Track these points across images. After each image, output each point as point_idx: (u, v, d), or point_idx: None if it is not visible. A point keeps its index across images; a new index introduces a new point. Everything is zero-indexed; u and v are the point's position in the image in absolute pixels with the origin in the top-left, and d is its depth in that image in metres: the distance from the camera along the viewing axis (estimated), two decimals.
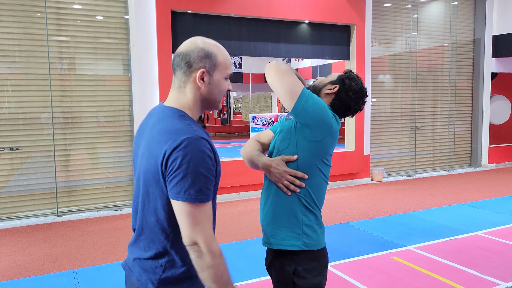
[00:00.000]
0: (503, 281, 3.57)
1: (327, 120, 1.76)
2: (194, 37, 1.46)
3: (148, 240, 1.42)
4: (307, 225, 1.79)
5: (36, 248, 4.55)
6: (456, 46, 9.03)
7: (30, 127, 5.63)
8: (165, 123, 1.36)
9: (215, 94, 1.44)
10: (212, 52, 1.41)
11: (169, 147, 1.28)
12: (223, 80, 1.44)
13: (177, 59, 1.41)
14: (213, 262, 1.30)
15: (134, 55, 6.01)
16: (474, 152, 9.48)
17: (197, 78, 1.39)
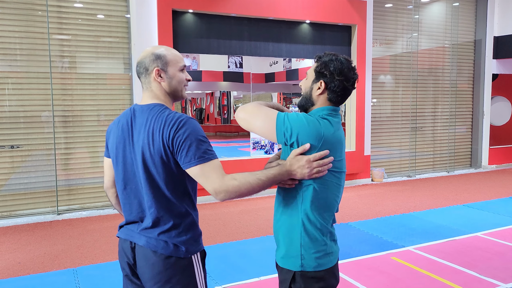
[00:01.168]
0: (503, 282, 3.57)
1: (314, 131, 1.63)
2: (147, 48, 1.77)
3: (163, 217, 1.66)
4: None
5: (36, 246, 4.56)
6: (457, 47, 9.03)
7: (31, 126, 5.64)
8: (160, 115, 1.64)
9: (175, 85, 1.73)
10: (160, 54, 1.71)
11: (171, 126, 1.59)
12: (178, 72, 1.73)
13: (137, 68, 1.74)
14: (237, 187, 1.55)
15: (135, 54, 6.01)
16: (474, 153, 9.49)
17: (154, 76, 1.69)
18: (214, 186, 1.56)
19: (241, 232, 4.97)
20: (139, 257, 1.67)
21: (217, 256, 4.14)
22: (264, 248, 4.42)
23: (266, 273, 3.75)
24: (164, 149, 1.60)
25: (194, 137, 1.58)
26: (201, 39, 6.45)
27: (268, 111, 1.69)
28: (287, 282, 1.72)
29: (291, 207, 1.71)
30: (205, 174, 1.57)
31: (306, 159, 1.62)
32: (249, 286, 3.54)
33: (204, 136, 1.62)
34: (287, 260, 1.72)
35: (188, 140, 1.57)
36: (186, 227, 1.67)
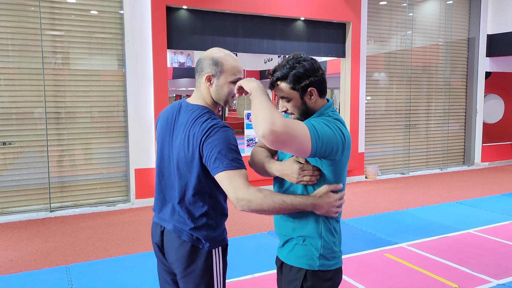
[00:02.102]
0: (494, 278, 3.60)
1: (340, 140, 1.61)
2: (212, 48, 1.81)
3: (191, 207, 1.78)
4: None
5: (29, 244, 4.53)
6: (450, 45, 9.07)
7: (23, 122, 5.59)
8: (198, 120, 1.71)
9: (221, 94, 1.78)
10: (219, 61, 1.75)
11: (201, 134, 1.66)
12: (228, 84, 1.76)
13: (196, 64, 1.80)
14: (260, 200, 1.59)
15: (128, 50, 5.97)
16: (467, 151, 9.54)
17: (205, 80, 1.76)
18: (237, 193, 1.60)
19: (235, 229, 4.97)
20: (167, 240, 1.82)
21: None
22: (258, 245, 4.42)
23: (260, 270, 3.75)
24: (196, 154, 1.68)
25: (224, 145, 1.63)
26: (196, 36, 6.42)
27: (299, 126, 1.51)
28: (299, 281, 1.69)
29: None
30: (230, 180, 1.61)
31: (336, 197, 1.67)
32: (243, 283, 3.54)
33: (235, 145, 1.67)
34: (304, 260, 1.69)
35: (218, 147, 1.63)
36: (207, 227, 1.77)
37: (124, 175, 6.20)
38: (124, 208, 5.97)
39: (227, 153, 1.63)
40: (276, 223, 1.83)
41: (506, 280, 3.55)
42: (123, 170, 6.19)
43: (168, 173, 1.82)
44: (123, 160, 6.17)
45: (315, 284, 1.68)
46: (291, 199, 1.62)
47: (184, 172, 1.75)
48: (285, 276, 1.76)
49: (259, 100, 1.57)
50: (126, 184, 6.21)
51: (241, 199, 1.59)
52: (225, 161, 1.62)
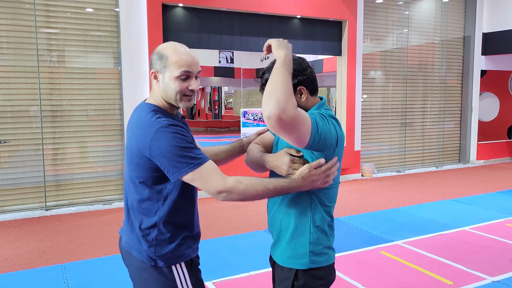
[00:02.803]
0: (489, 275, 3.62)
1: (334, 135, 1.61)
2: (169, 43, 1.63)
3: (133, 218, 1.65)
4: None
5: (24, 242, 4.51)
6: (446, 43, 9.09)
7: (18, 120, 5.56)
8: (140, 119, 1.57)
9: (169, 92, 1.58)
10: (164, 54, 1.57)
11: (148, 140, 1.50)
12: (174, 80, 1.56)
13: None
14: (241, 189, 1.51)
15: (124, 48, 5.95)
16: (462, 149, 9.58)
17: (151, 76, 1.61)
18: (216, 187, 1.50)
19: (231, 228, 4.97)
20: (124, 254, 1.71)
21: (207, 252, 4.13)
22: (254, 243, 4.42)
23: (256, 268, 3.75)
24: (140, 156, 1.53)
25: (175, 148, 1.48)
26: (192, 34, 6.41)
27: (304, 119, 1.46)
28: (290, 280, 1.67)
29: (300, 203, 1.66)
30: (201, 178, 1.50)
31: (320, 172, 1.56)
32: (240, 281, 3.54)
33: (186, 142, 1.51)
34: (293, 260, 1.66)
35: (170, 152, 1.48)
36: (156, 241, 1.60)
37: (120, 173, 6.19)
38: (120, 206, 5.95)
39: (182, 154, 1.48)
40: (268, 219, 1.81)
41: (501, 277, 3.58)
42: (119, 168, 6.18)
43: (125, 180, 1.71)
44: (119, 158, 6.15)
45: (307, 282, 1.66)
46: (274, 184, 1.53)
47: (132, 175, 1.60)
48: (277, 275, 1.75)
49: (281, 76, 1.43)
50: (122, 183, 6.19)
51: (219, 193, 1.50)
52: (183, 163, 1.48)
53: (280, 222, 1.71)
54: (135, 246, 1.63)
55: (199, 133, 15.85)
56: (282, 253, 1.70)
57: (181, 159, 1.48)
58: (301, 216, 1.66)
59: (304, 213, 1.66)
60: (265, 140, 1.85)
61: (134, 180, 1.61)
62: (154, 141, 1.48)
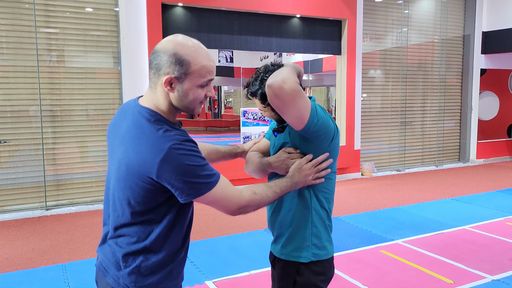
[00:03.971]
0: (489, 274, 3.62)
1: (333, 127, 1.68)
2: (176, 35, 1.37)
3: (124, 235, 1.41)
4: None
5: (24, 242, 4.52)
6: (446, 42, 9.09)
7: (18, 120, 5.57)
8: (143, 131, 1.32)
9: (185, 101, 1.36)
10: (185, 59, 1.31)
11: (157, 160, 1.27)
12: (195, 89, 1.35)
13: (151, 56, 1.35)
14: (257, 201, 1.46)
15: (124, 48, 5.95)
16: (462, 148, 9.59)
17: (164, 82, 1.33)
18: (236, 204, 1.41)
19: (231, 227, 4.97)
20: (97, 276, 1.48)
21: (207, 251, 4.14)
22: (254, 242, 4.43)
23: (257, 267, 3.76)
24: (141, 176, 1.30)
25: (191, 169, 1.29)
26: (191, 33, 6.37)
27: (304, 98, 1.56)
28: (292, 275, 1.69)
29: (299, 199, 1.70)
30: (217, 197, 1.37)
31: (310, 165, 1.62)
32: (240, 280, 3.54)
33: (201, 159, 1.32)
34: (296, 253, 1.70)
35: (186, 174, 1.28)
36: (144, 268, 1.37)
37: None
38: None
39: (195, 176, 1.30)
40: (268, 218, 1.84)
41: (501, 276, 3.58)
42: None
43: (107, 190, 1.47)
44: None
45: (308, 278, 1.69)
46: (279, 186, 1.56)
47: (119, 196, 1.37)
48: (278, 271, 1.77)
49: (287, 67, 1.59)
50: None
51: (239, 208, 1.42)
52: (199, 186, 1.32)
53: (281, 218, 1.74)
54: (110, 270, 1.39)
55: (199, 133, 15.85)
56: (283, 248, 1.73)
57: (198, 179, 1.31)
58: (301, 211, 1.70)
59: (304, 208, 1.70)
60: (262, 147, 1.91)
61: (126, 200, 1.35)
62: (165, 162, 1.26)
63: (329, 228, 1.76)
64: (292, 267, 1.70)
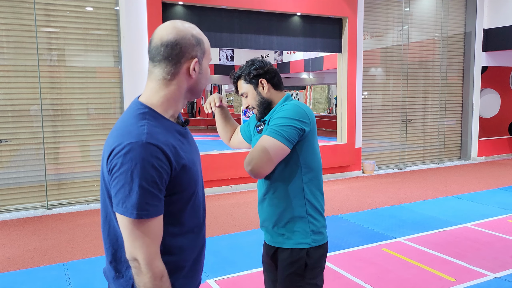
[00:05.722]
0: (491, 272, 3.62)
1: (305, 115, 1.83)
2: (172, 21, 1.29)
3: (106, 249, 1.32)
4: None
5: (26, 241, 4.52)
6: (447, 39, 9.07)
7: (19, 119, 5.57)
8: (120, 121, 1.26)
9: (202, 83, 1.34)
10: (199, 38, 1.29)
11: (112, 150, 1.17)
12: (208, 68, 1.36)
13: (164, 50, 1.24)
14: (152, 284, 1.17)
15: (124, 47, 5.94)
16: (464, 145, 9.57)
17: (191, 68, 1.26)
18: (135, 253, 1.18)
19: (232, 225, 4.97)
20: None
21: (208, 249, 4.14)
22: (255, 241, 4.42)
23: (258, 265, 3.75)
24: (104, 167, 1.22)
25: (130, 179, 1.13)
26: None
27: (269, 149, 1.74)
28: (302, 260, 1.81)
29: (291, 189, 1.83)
30: (125, 229, 1.18)
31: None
32: (241, 278, 3.54)
33: (148, 181, 1.14)
34: (300, 240, 1.82)
35: (123, 179, 1.14)
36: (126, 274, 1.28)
37: None
38: None
39: (131, 192, 1.14)
40: (263, 213, 1.93)
41: (503, 273, 3.58)
42: None
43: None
44: None
45: (315, 259, 1.84)
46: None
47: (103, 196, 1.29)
48: (284, 260, 1.85)
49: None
50: None
51: (133, 260, 1.17)
52: (126, 202, 1.14)
53: (279, 210, 1.86)
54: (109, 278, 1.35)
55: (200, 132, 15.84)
56: (288, 237, 1.84)
57: (133, 195, 1.14)
58: (298, 200, 1.83)
59: (300, 197, 1.83)
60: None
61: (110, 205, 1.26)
62: (117, 158, 1.15)
63: (322, 216, 1.90)
64: (301, 252, 1.82)
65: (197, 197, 1.35)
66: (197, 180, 1.34)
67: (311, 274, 1.83)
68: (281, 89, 1.96)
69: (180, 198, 1.27)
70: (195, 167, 1.31)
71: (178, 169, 1.22)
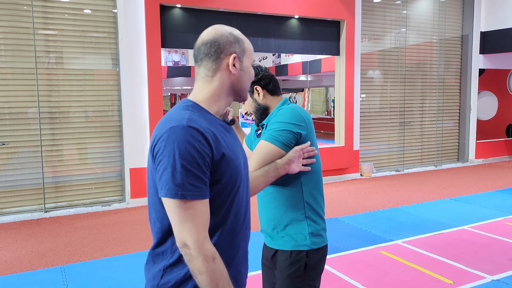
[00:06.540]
0: (489, 274, 3.62)
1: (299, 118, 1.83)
2: (214, 25, 1.37)
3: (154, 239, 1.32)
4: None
5: (23, 244, 4.50)
6: (444, 42, 9.10)
7: (17, 122, 5.56)
8: (166, 114, 1.29)
9: (245, 82, 1.38)
10: (240, 37, 1.36)
11: (155, 138, 1.21)
12: (251, 67, 1.40)
13: (204, 47, 1.32)
14: (205, 267, 1.16)
15: (122, 49, 5.94)
16: (461, 148, 9.59)
17: (230, 63, 1.31)
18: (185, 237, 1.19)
19: None
20: None
21: None
22: (254, 243, 4.41)
23: (257, 268, 3.75)
24: (151, 172, 1.25)
25: (172, 160, 1.15)
26: (190, 34, 6.40)
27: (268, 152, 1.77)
28: (302, 261, 1.82)
29: (290, 193, 1.85)
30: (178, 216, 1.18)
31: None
32: None
33: (189, 161, 1.16)
34: (298, 242, 1.84)
35: (166, 161, 1.16)
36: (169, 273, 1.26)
37: (119, 174, 6.18)
38: (119, 208, 5.95)
39: (174, 172, 1.15)
40: (263, 216, 2.00)
41: (501, 276, 3.58)
42: (118, 170, 6.17)
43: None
44: (118, 159, 6.15)
45: (315, 261, 1.86)
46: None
47: (150, 197, 1.29)
48: (284, 262, 1.87)
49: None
50: (121, 184, 6.19)
51: (184, 246, 1.17)
52: (169, 183, 1.16)
53: (278, 213, 1.90)
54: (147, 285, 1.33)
55: None
56: (286, 240, 1.87)
57: (176, 175, 1.16)
58: (297, 203, 1.85)
59: (299, 199, 1.85)
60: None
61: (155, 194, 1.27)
62: (160, 142, 1.18)
63: (322, 219, 1.91)
64: (300, 254, 1.84)
65: (238, 196, 1.32)
66: (239, 176, 1.31)
67: (311, 275, 1.85)
68: (278, 94, 1.96)
69: (219, 190, 1.25)
70: (238, 161, 1.31)
71: (218, 157, 1.23)
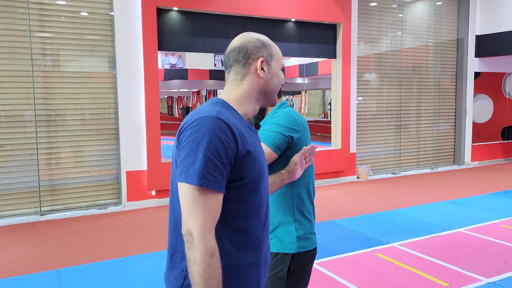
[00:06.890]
0: (485, 276, 3.63)
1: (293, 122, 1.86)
2: (242, 33, 1.43)
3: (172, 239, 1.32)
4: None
5: (19, 248, 4.48)
6: (440, 45, 9.15)
7: (13, 125, 5.54)
8: (195, 109, 1.31)
9: (274, 85, 1.42)
10: (267, 42, 1.41)
11: (183, 124, 1.23)
12: (280, 71, 1.43)
13: (233, 54, 1.38)
14: (202, 259, 1.14)
15: (119, 52, 5.94)
16: (457, 150, 9.63)
17: (258, 67, 1.36)
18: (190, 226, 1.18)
19: None
20: None
21: None
22: None
23: None
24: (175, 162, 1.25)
25: (196, 146, 1.17)
26: (187, 37, 6.41)
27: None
28: (286, 262, 1.82)
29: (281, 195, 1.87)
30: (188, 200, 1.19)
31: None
32: None
33: (212, 151, 1.17)
34: (284, 245, 1.84)
35: (189, 146, 1.18)
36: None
37: (115, 177, 6.16)
38: (116, 210, 5.93)
39: (196, 159, 1.16)
40: None
41: (496, 278, 3.59)
42: (114, 173, 6.15)
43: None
44: (114, 162, 6.13)
45: (301, 264, 1.85)
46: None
47: (173, 193, 1.30)
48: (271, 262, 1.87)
49: None
50: (118, 187, 6.17)
51: (188, 234, 1.17)
52: (189, 169, 1.17)
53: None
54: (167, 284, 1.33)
55: None
56: (273, 241, 1.86)
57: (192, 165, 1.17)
58: (286, 205, 1.86)
59: (288, 201, 1.86)
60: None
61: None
62: (187, 130, 1.20)
63: (312, 222, 1.93)
64: (285, 256, 1.83)
65: (260, 196, 1.33)
66: (261, 175, 1.32)
67: (294, 278, 1.84)
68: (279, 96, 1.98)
69: (241, 187, 1.26)
70: (260, 160, 1.33)
71: (243, 152, 1.24)
